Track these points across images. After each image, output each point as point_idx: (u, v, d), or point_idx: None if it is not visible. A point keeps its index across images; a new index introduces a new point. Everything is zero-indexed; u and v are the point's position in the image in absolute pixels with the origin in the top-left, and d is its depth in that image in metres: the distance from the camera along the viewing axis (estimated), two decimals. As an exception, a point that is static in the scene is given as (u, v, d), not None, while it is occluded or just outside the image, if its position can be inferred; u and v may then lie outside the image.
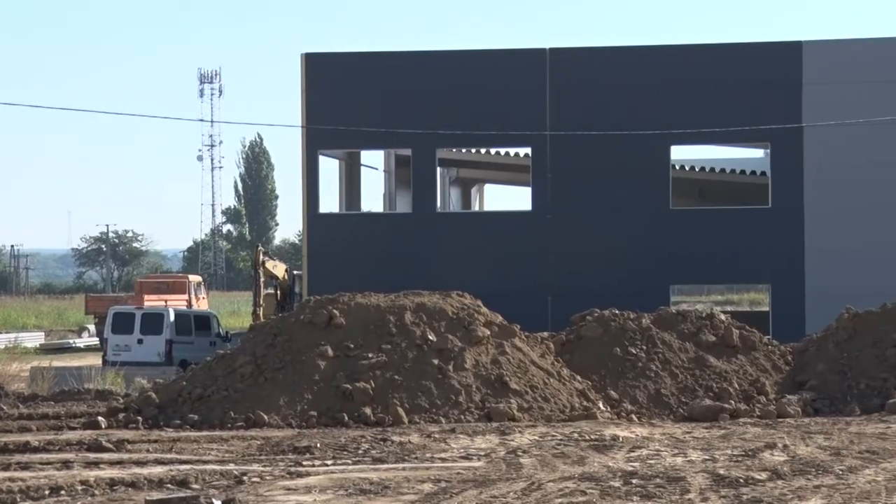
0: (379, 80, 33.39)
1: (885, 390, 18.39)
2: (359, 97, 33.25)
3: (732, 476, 11.93)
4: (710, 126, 31.87)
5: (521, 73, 33.18)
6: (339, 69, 33.80)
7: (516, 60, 33.58)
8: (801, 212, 32.24)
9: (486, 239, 33.12)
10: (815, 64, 32.19)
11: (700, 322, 19.86)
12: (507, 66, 33.40)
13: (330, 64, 34.07)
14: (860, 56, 32.33)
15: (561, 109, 32.87)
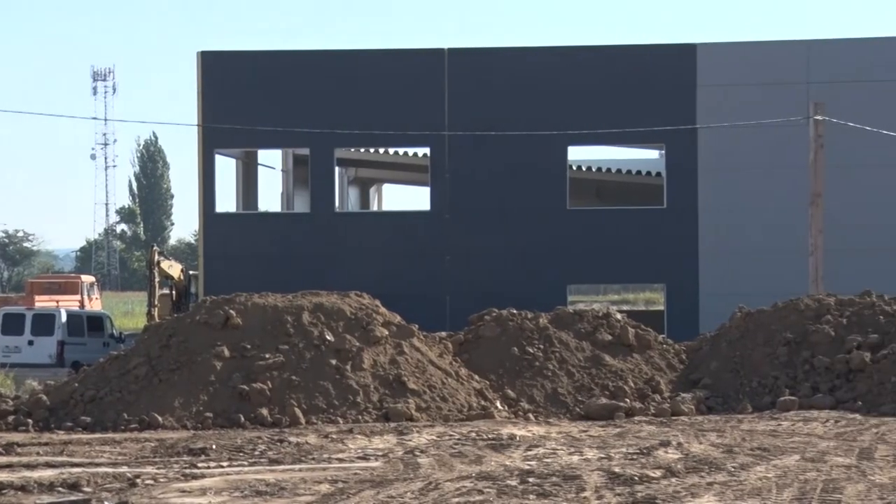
0: (276, 79, 33.18)
1: (777, 388, 18.68)
2: (256, 96, 33.01)
3: (627, 474, 12.03)
4: (606, 127, 32.18)
5: (420, 73, 33.21)
6: (235, 68, 33.53)
7: (415, 60, 33.59)
8: (695, 212, 32.69)
9: (385, 239, 33.09)
10: (709, 66, 32.67)
11: (597, 321, 20.00)
12: (405, 66, 33.40)
13: (226, 62, 33.78)
14: (753, 59, 32.87)
15: (459, 110, 32.96)
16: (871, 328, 19.43)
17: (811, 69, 32.40)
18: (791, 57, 32.72)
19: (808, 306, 20.02)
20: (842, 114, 28.10)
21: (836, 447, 13.84)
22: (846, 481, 11.51)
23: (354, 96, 33.06)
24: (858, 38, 33.93)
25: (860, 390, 18.13)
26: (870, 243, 31.91)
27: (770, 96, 31.88)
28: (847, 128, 27.88)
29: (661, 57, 33.20)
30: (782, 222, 31.56)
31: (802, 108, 28.33)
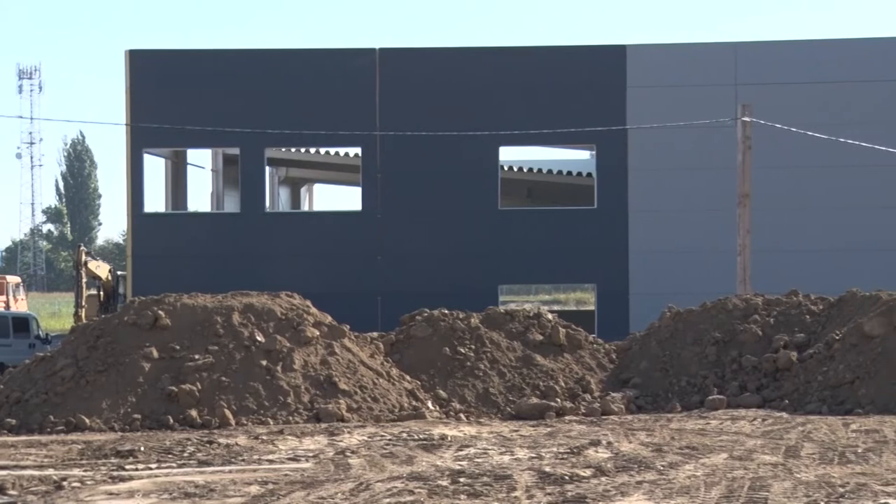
0: (206, 79, 32.97)
1: (705, 387, 18.84)
2: (185, 95, 32.78)
3: (558, 473, 12.06)
4: (537, 128, 32.31)
5: (351, 72, 33.13)
6: (164, 67, 33.27)
7: (346, 60, 33.52)
8: (625, 212, 32.91)
9: (316, 239, 32.99)
10: (639, 68, 32.92)
11: (528, 321, 20.05)
12: (337, 65, 33.32)
13: (155, 61, 33.51)
14: (682, 60, 33.17)
15: (391, 110, 32.94)
16: (797, 327, 19.66)
17: (739, 71, 32.75)
18: (719, 59, 33.05)
19: (736, 306, 20.21)
20: (769, 115, 28.43)
21: (763, 445, 13.98)
22: (773, 479, 11.62)
23: (285, 96, 32.93)
24: (785, 41, 34.37)
25: (787, 389, 18.33)
26: (796, 243, 32.33)
27: (699, 98, 32.19)
28: (774, 129, 28.21)
29: (591, 58, 33.40)
30: (711, 222, 31.88)
31: (730, 109, 28.64)
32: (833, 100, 32.53)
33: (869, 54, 33.07)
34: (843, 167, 32.03)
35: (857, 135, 29.64)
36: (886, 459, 12.80)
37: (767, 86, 32.22)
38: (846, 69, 32.84)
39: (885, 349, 18.01)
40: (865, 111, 32.32)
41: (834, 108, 32.26)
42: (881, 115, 32.30)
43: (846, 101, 32.53)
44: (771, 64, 32.98)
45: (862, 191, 32.53)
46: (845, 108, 32.33)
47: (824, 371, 18.20)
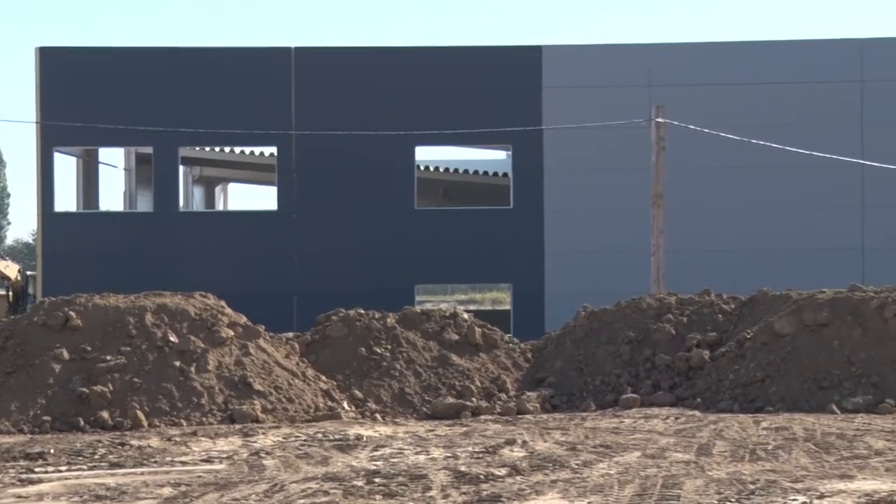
0: (119, 77, 32.62)
1: (619, 386, 18.97)
2: (97, 93, 32.40)
3: (473, 473, 12.07)
4: (454, 128, 32.37)
5: (267, 71, 32.97)
6: (76, 64, 32.85)
7: (261, 59, 33.36)
8: (541, 212, 33.09)
9: (231, 239, 32.78)
10: (555, 68, 33.12)
11: (444, 321, 20.06)
12: (252, 64, 33.15)
13: (66, 58, 33.08)
14: (598, 61, 33.42)
15: (307, 109, 32.81)
16: (709, 326, 19.88)
17: (653, 72, 33.07)
18: (634, 60, 33.36)
19: (650, 305, 20.38)
20: (683, 116, 28.74)
21: (676, 443, 14.11)
22: (685, 477, 11.73)
23: (200, 94, 32.67)
24: (698, 43, 34.76)
25: (699, 387, 18.52)
26: (709, 243, 32.71)
27: (614, 99, 32.47)
28: (688, 130, 28.52)
29: (507, 58, 33.55)
30: (626, 223, 32.16)
31: (645, 110, 28.91)
32: (745, 101, 32.97)
33: (781, 57, 33.56)
34: (755, 168, 32.47)
35: (769, 136, 30.04)
36: (796, 456, 12.98)
37: (681, 87, 32.58)
38: (759, 71, 33.31)
39: (795, 348, 18.27)
40: (778, 113, 32.79)
41: (747, 110, 32.70)
42: (793, 116, 32.80)
43: (759, 102, 32.98)
44: (684, 66, 33.35)
45: (773, 191, 33.00)
46: (758, 109, 32.78)
47: (736, 369, 18.42)
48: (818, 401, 17.38)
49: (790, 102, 33.05)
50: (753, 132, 30.05)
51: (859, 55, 33.36)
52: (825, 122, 32.84)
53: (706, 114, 31.39)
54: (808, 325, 18.48)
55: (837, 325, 18.38)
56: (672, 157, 27.94)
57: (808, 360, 18.08)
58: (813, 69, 33.26)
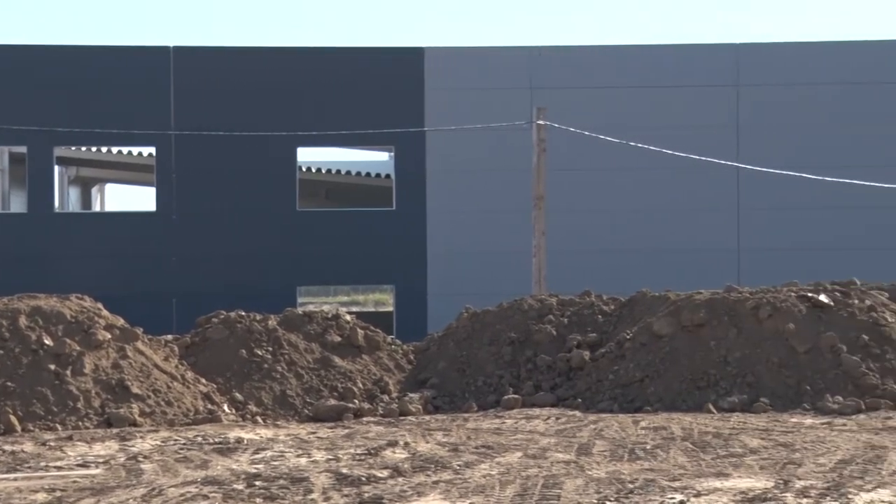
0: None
1: (501, 387, 19.05)
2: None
3: (355, 475, 12.03)
4: (336, 129, 32.27)
5: (145, 70, 32.52)
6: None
7: (140, 58, 32.89)
8: (423, 214, 33.14)
9: (108, 240, 32.26)
10: (437, 70, 33.20)
11: (326, 323, 19.97)
12: (130, 63, 32.66)
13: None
14: (480, 63, 33.59)
15: (186, 109, 32.45)
16: (590, 327, 20.07)
17: (534, 74, 33.33)
18: (515, 62, 33.57)
19: (531, 306, 20.51)
20: (564, 118, 29.00)
21: (557, 444, 14.21)
22: (565, 477, 11.82)
23: (76, 93, 32.10)
24: (580, 46, 35.09)
25: (580, 388, 18.68)
26: (590, 244, 33.06)
27: (496, 100, 32.65)
28: (569, 132, 28.78)
29: (389, 59, 33.54)
30: (508, 224, 32.35)
31: (526, 112, 29.12)
32: (626, 104, 33.38)
33: (660, 61, 34.05)
34: (635, 170, 32.89)
35: (649, 139, 30.44)
36: (673, 455, 13.16)
37: (563, 90, 32.87)
38: (639, 75, 33.75)
39: (673, 348, 18.53)
40: (657, 116, 33.25)
41: (627, 113, 33.11)
42: (672, 119, 33.29)
43: (639, 105, 33.41)
44: (566, 68, 33.65)
45: (652, 193, 33.47)
46: (638, 112, 33.21)
47: (615, 370, 18.61)
48: (695, 400, 17.64)
49: (669, 105, 33.55)
50: (634, 135, 30.44)
51: (735, 59, 33.99)
52: (703, 125, 33.41)
53: (588, 116, 31.71)
54: (686, 325, 18.76)
55: (714, 325, 18.69)
56: (553, 159, 28.17)
57: (686, 360, 18.35)
58: (691, 73, 33.82)
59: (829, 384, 17.69)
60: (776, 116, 33.73)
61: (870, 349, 18.26)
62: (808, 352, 18.20)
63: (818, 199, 32.89)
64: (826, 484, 11.17)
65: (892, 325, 18.77)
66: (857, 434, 14.69)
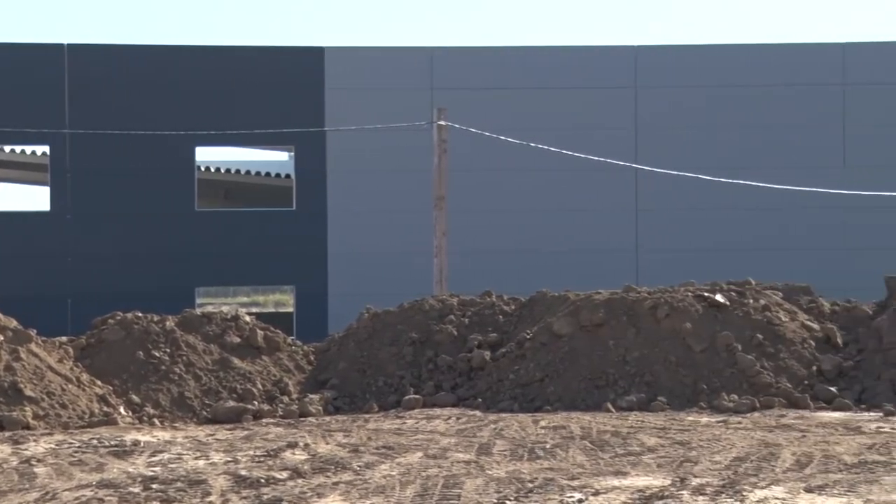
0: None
1: (402, 387, 19.04)
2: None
3: (254, 476, 11.93)
4: (235, 128, 32.01)
5: (39, 68, 31.97)
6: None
7: (33, 55, 32.34)
8: (324, 214, 33.01)
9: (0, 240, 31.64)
10: (338, 69, 33.10)
11: (225, 324, 19.79)
12: (23, 60, 32.09)
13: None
14: (380, 63, 33.55)
15: (81, 107, 31.95)
16: (490, 327, 20.13)
17: (434, 75, 33.37)
18: (416, 63, 33.59)
19: (432, 307, 20.52)
20: (466, 119, 29.07)
21: (457, 443, 14.23)
22: (466, 476, 11.83)
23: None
24: (480, 46, 35.23)
25: (480, 388, 18.73)
26: (491, 244, 33.18)
27: (397, 100, 32.63)
28: (470, 133, 28.86)
29: (289, 59, 33.36)
30: (409, 224, 32.35)
31: (427, 112, 29.14)
32: (527, 105, 33.55)
33: (560, 62, 34.27)
34: (536, 171, 33.07)
35: (549, 140, 30.63)
36: (573, 454, 13.24)
37: (464, 90, 32.95)
38: (539, 76, 33.95)
39: (573, 348, 18.65)
40: (558, 117, 33.47)
41: (529, 114, 33.28)
42: (572, 120, 33.54)
43: (539, 106, 33.61)
44: (467, 69, 33.74)
45: (552, 194, 33.69)
46: (539, 113, 33.40)
47: (516, 370, 18.69)
48: (594, 399, 17.78)
49: (569, 107, 33.79)
50: (534, 136, 30.61)
51: (633, 61, 34.35)
52: (602, 126, 33.71)
53: (489, 117, 31.82)
54: (585, 325, 18.90)
55: (613, 325, 18.85)
56: (455, 160, 28.23)
57: (585, 359, 18.49)
58: (590, 75, 34.10)
59: (724, 383, 17.94)
60: (674, 118, 34.15)
61: (764, 348, 18.55)
62: (705, 351, 18.44)
63: (715, 200, 33.36)
64: (721, 481, 11.31)
65: (786, 325, 19.10)
66: (752, 432, 14.91)
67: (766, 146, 34.18)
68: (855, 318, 19.77)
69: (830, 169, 33.57)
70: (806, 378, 18.26)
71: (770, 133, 34.28)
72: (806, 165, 33.57)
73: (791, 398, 17.66)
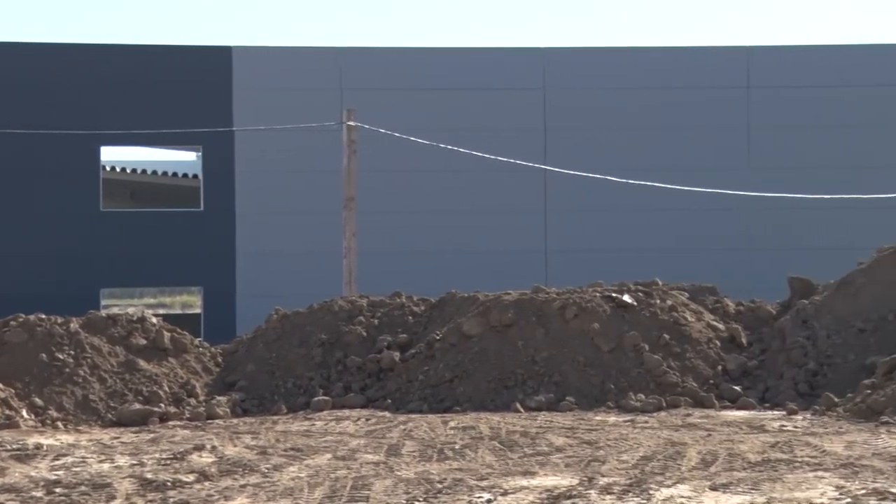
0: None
1: (311, 388, 18.95)
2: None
3: (160, 480, 11.79)
4: (141, 128, 31.67)
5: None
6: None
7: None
8: (232, 215, 32.79)
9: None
10: (246, 69, 32.90)
11: (131, 326, 19.54)
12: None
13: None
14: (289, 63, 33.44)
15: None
16: (400, 328, 20.11)
17: (344, 75, 33.30)
18: (325, 63, 33.49)
19: (342, 308, 20.44)
20: (376, 120, 29.02)
21: (367, 445, 14.19)
22: (375, 478, 11.80)
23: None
24: (390, 47, 35.22)
25: (390, 388, 18.70)
26: (401, 245, 33.18)
27: (306, 101, 32.50)
28: (380, 133, 28.82)
29: (196, 59, 33.09)
30: (319, 225, 32.23)
31: (337, 113, 29.06)
32: (438, 106, 33.62)
33: (469, 64, 34.37)
34: (446, 172, 33.14)
35: (460, 141, 30.68)
36: (482, 455, 13.26)
37: (373, 90, 32.91)
38: (449, 77, 34.01)
39: (482, 348, 18.70)
40: (468, 117, 33.57)
41: (439, 115, 33.34)
42: (482, 121, 33.65)
43: (450, 108, 33.68)
44: (377, 70, 33.71)
45: (463, 195, 33.77)
46: (450, 114, 33.47)
47: (425, 370, 18.70)
48: (504, 400, 17.84)
49: (479, 108, 33.90)
50: (445, 137, 30.67)
51: (542, 63, 34.55)
52: (511, 128, 33.87)
53: (399, 118, 31.81)
54: (495, 325, 18.95)
55: (522, 325, 18.92)
56: (365, 160, 28.16)
57: (495, 360, 18.54)
58: (499, 76, 34.24)
59: (632, 382, 18.10)
60: (583, 120, 34.42)
61: (671, 348, 18.75)
62: (612, 351, 18.59)
63: (623, 202, 33.68)
64: (628, 480, 11.40)
65: (692, 325, 19.32)
66: (659, 431, 15.05)
67: (672, 148, 34.58)
68: (759, 317, 20.06)
69: (735, 171, 34.05)
70: (711, 377, 18.47)
71: (677, 135, 34.69)
72: (711, 167, 34.02)
73: (697, 397, 17.86)
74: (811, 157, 34.79)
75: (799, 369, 18.36)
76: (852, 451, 13.10)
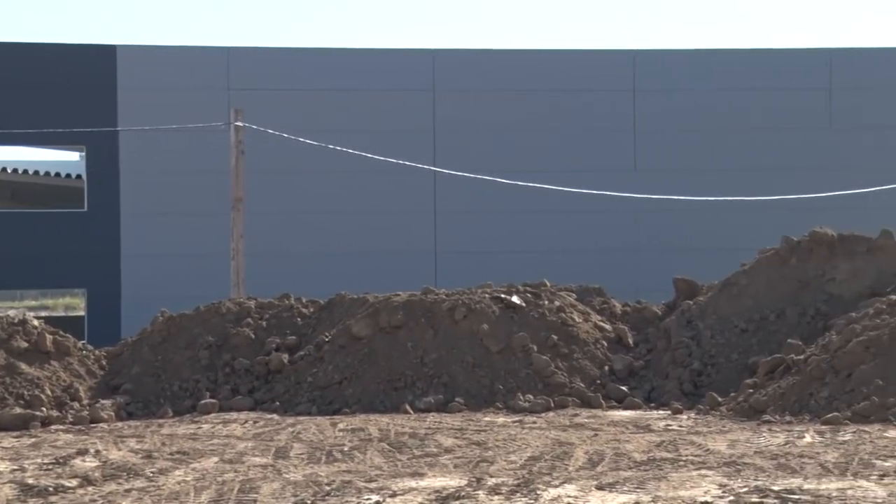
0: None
1: (198, 391, 18.76)
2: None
3: (42, 485, 11.57)
4: (22, 127, 31.05)
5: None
6: None
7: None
8: (117, 215, 32.31)
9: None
10: (131, 68, 32.43)
11: (12, 328, 19.15)
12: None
13: None
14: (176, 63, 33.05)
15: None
16: (289, 330, 19.98)
17: (231, 75, 33.00)
18: (213, 62, 33.16)
19: (229, 309, 20.26)
20: (264, 120, 28.79)
21: (255, 447, 14.08)
22: (262, 480, 11.71)
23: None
24: (279, 47, 34.99)
25: (278, 391, 18.58)
26: (290, 247, 32.99)
27: (193, 101, 32.15)
28: (268, 134, 28.60)
29: (80, 57, 32.56)
30: (206, 226, 31.90)
31: (224, 113, 28.78)
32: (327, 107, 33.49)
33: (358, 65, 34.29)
34: (335, 173, 33.02)
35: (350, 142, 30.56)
36: (370, 456, 13.23)
37: (262, 91, 32.67)
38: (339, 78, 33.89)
39: (371, 350, 18.66)
40: (358, 118, 33.49)
41: (329, 116, 33.22)
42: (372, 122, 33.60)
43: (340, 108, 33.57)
44: (265, 70, 33.47)
45: (353, 196, 33.69)
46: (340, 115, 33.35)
47: (314, 372, 18.61)
48: (393, 401, 17.82)
49: (369, 108, 33.85)
50: (335, 137, 30.54)
51: (431, 65, 34.62)
52: (402, 129, 33.87)
53: (289, 118, 31.62)
54: (384, 327, 18.93)
55: (412, 326, 18.92)
56: (254, 161, 27.93)
57: (384, 361, 18.52)
58: (389, 77, 34.23)
59: (520, 383, 18.19)
60: (471, 121, 34.55)
61: (559, 349, 18.89)
62: (501, 352, 18.67)
63: (511, 203, 33.87)
64: (516, 480, 11.45)
65: (580, 326, 19.49)
66: (547, 431, 15.15)
67: (561, 150, 34.87)
68: (645, 318, 20.30)
69: (622, 173, 34.46)
70: (598, 378, 18.65)
71: (565, 137, 34.99)
72: (599, 169, 34.38)
73: (584, 397, 18.02)
74: (697, 159, 35.35)
75: (684, 369, 18.63)
76: (735, 449, 13.32)
